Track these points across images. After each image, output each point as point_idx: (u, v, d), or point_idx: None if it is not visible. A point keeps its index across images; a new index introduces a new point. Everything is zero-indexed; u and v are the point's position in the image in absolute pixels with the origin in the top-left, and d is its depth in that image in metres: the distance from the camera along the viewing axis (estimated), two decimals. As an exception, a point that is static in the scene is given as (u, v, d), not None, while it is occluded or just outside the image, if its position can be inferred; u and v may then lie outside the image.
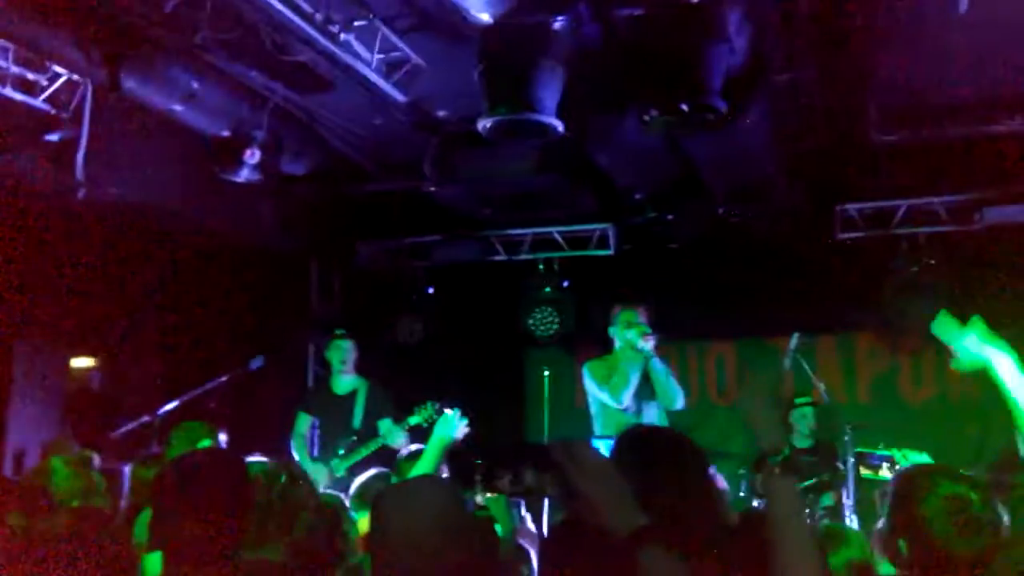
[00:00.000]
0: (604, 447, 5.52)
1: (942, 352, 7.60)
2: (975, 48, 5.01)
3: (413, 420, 6.08)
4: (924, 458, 3.07)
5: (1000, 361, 2.77)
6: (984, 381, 2.72)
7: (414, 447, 4.40)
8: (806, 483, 6.18)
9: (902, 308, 7.00)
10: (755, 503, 6.28)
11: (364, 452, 6.08)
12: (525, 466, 1.76)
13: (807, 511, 5.84)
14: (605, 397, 5.90)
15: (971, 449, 6.40)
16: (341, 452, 6.19)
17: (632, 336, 5.75)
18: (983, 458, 5.65)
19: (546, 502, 4.49)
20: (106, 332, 6.93)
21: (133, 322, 7.00)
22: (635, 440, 2.08)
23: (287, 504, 2.85)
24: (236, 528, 2.41)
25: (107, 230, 6.35)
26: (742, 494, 6.45)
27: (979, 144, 6.11)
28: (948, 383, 7.41)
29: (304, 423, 6.49)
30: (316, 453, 6.54)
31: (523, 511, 3.75)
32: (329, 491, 4.69)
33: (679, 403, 5.87)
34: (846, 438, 6.39)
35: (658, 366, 5.81)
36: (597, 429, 6.07)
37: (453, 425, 3.54)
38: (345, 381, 6.47)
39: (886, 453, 3.16)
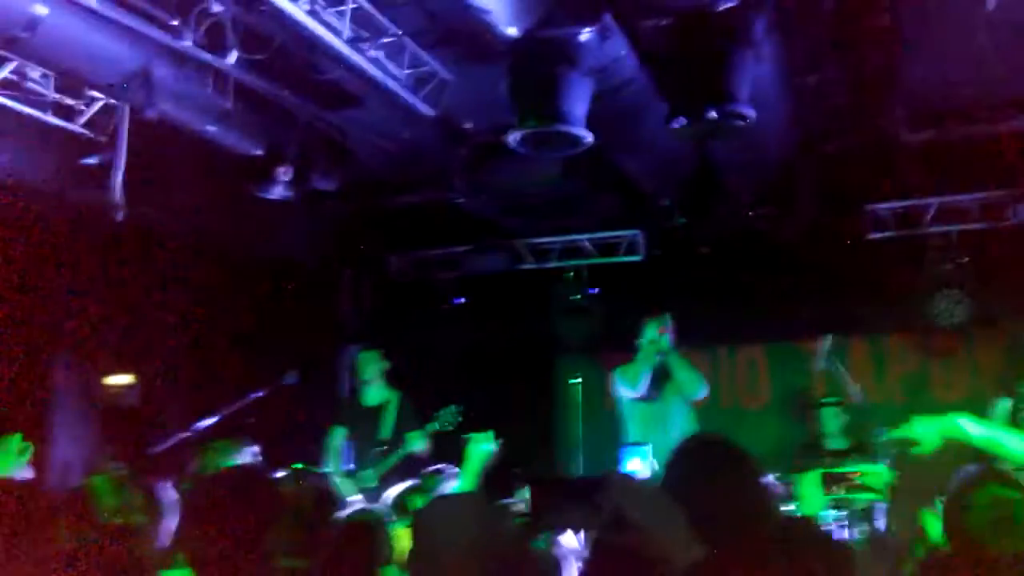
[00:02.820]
0: (635, 453, 5.61)
1: (973, 352, 7.62)
2: (1003, 44, 4.99)
3: (433, 426, 6.14)
4: (881, 469, 3.18)
5: (959, 421, 2.87)
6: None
7: (437, 466, 4.46)
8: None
9: (934, 308, 6.95)
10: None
11: (391, 461, 6.14)
12: (574, 500, 1.76)
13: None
14: (626, 391, 6.20)
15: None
16: (371, 463, 6.25)
17: (651, 333, 6.07)
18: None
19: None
20: (144, 349, 7.03)
21: (170, 339, 7.09)
22: (687, 455, 2.07)
23: (315, 518, 2.91)
24: (263, 544, 2.46)
25: (145, 250, 6.46)
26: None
27: (1009, 140, 6.07)
28: (981, 383, 7.35)
29: (337, 436, 6.55)
30: (349, 466, 6.59)
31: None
32: (369, 507, 4.75)
33: (700, 392, 6.10)
34: (881, 439, 6.38)
35: (677, 358, 6.09)
36: (628, 434, 6.17)
37: (487, 446, 3.62)
38: (375, 393, 6.53)
39: (850, 469, 3.26)
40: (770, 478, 3.99)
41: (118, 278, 6.51)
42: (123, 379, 7.09)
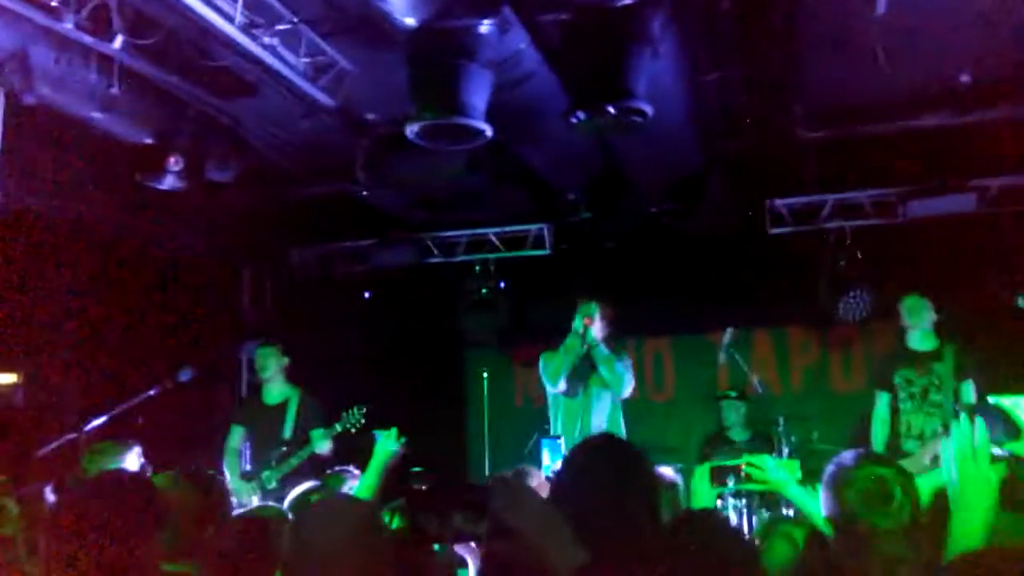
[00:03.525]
0: (548, 447, 5.52)
1: (870, 344, 7.85)
2: (894, 47, 5.13)
3: (339, 426, 5.99)
4: (767, 461, 3.27)
5: None
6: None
7: (339, 468, 4.36)
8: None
9: (832, 301, 7.16)
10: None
11: (294, 462, 5.96)
12: (454, 509, 1.69)
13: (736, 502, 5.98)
14: (547, 385, 5.93)
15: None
16: (272, 464, 6.06)
17: (576, 323, 5.74)
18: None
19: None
20: (27, 346, 6.70)
21: (56, 334, 6.77)
22: (574, 459, 2.05)
23: (200, 518, 2.80)
24: (143, 550, 2.35)
25: (27, 241, 6.14)
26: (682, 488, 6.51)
27: (901, 139, 6.26)
28: (871, 371, 7.62)
29: (236, 436, 6.32)
30: (249, 467, 6.39)
31: None
32: (268, 503, 4.60)
33: (624, 389, 5.76)
34: (780, 429, 6.56)
35: (602, 352, 5.74)
36: (553, 427, 6.05)
37: (391, 444, 3.57)
38: (275, 391, 6.30)
39: (737, 462, 3.32)
40: (670, 472, 4.00)
41: (3, 272, 6.18)
42: (6, 378, 6.75)
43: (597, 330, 5.78)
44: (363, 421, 5.96)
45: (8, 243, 6.08)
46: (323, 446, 5.98)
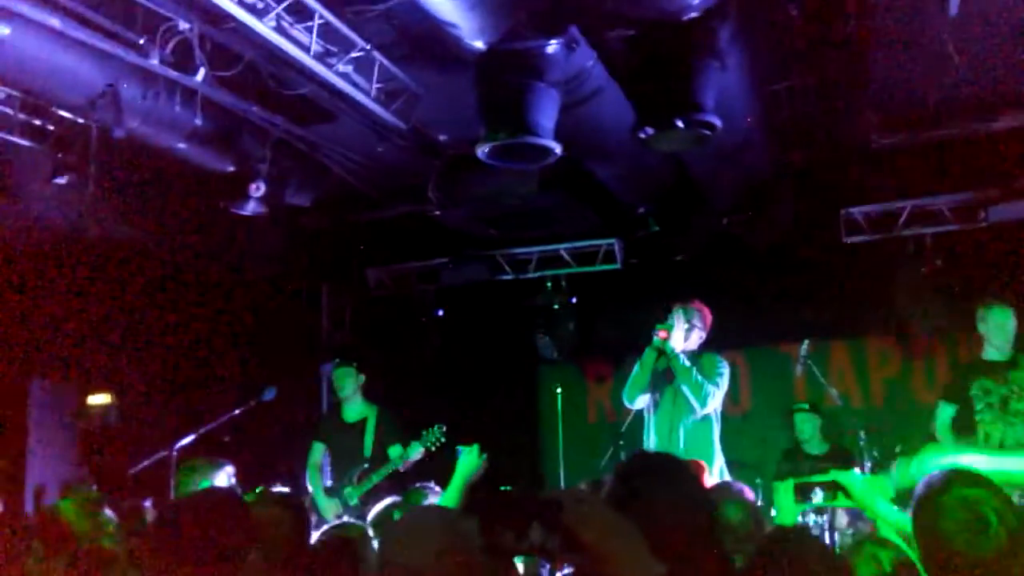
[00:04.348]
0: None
1: (954, 353, 7.63)
2: (969, 47, 5.04)
3: (419, 444, 6.05)
4: (856, 477, 3.15)
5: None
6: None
7: (420, 484, 4.42)
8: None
9: (912, 310, 6.99)
10: (772, 512, 6.26)
11: (375, 479, 6.06)
12: (530, 522, 1.68)
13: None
14: (625, 402, 5.58)
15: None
16: (353, 481, 6.18)
17: (655, 339, 5.36)
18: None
19: None
20: (121, 368, 6.99)
21: (148, 357, 7.06)
22: (626, 472, 2.04)
23: (287, 536, 2.89)
24: (237, 566, 2.44)
25: (120, 267, 6.43)
26: (760, 503, 6.42)
27: (979, 143, 6.13)
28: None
29: (318, 453, 6.46)
30: (330, 483, 6.53)
31: None
32: (350, 520, 4.71)
33: (706, 402, 5.32)
34: (861, 442, 6.40)
35: (680, 364, 5.31)
36: (644, 443, 5.65)
37: (473, 459, 3.60)
38: (354, 408, 6.43)
39: (824, 479, 3.21)
40: (746, 488, 3.96)
41: (95, 299, 6.47)
42: (99, 399, 7.05)
43: (681, 340, 5.40)
44: (443, 439, 6.01)
45: (99, 273, 6.37)
46: (403, 462, 6.06)
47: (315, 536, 3.25)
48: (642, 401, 5.54)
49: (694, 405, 5.33)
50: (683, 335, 5.42)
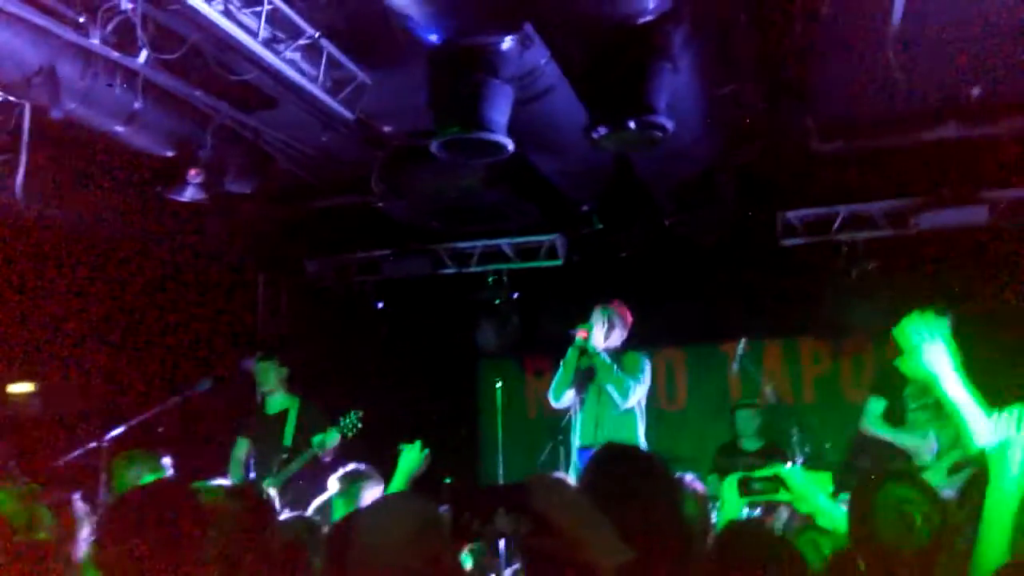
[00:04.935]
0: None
1: (882, 353, 7.84)
2: (907, 60, 5.18)
3: (335, 431, 6.04)
4: (798, 472, 3.32)
5: (948, 380, 2.91)
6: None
7: (352, 468, 4.37)
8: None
9: (843, 312, 7.19)
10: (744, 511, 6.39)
11: (293, 468, 6.05)
12: (495, 509, 1.72)
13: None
14: (551, 400, 5.91)
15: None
16: (273, 471, 6.14)
17: (577, 339, 5.70)
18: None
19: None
20: (46, 356, 6.77)
21: (74, 344, 6.84)
22: (601, 465, 2.08)
23: (250, 528, 2.84)
24: (189, 559, 2.39)
25: (48, 252, 6.22)
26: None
27: (913, 152, 6.32)
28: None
29: (241, 447, 6.42)
30: (252, 476, 6.45)
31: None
32: (296, 515, 4.65)
33: (627, 397, 5.63)
34: (793, 438, 6.59)
35: (602, 360, 5.63)
36: (572, 438, 6.00)
37: (415, 455, 3.64)
38: (276, 400, 6.43)
39: (767, 473, 3.36)
40: (693, 480, 4.03)
41: (19, 283, 6.25)
42: (24, 387, 6.81)
43: (601, 338, 5.72)
44: (359, 425, 6.04)
45: (25, 256, 6.16)
46: (322, 450, 6.03)
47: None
48: (568, 398, 5.85)
49: (616, 400, 5.62)
50: (603, 334, 5.75)
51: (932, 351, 2.92)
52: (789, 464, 6.41)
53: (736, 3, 4.59)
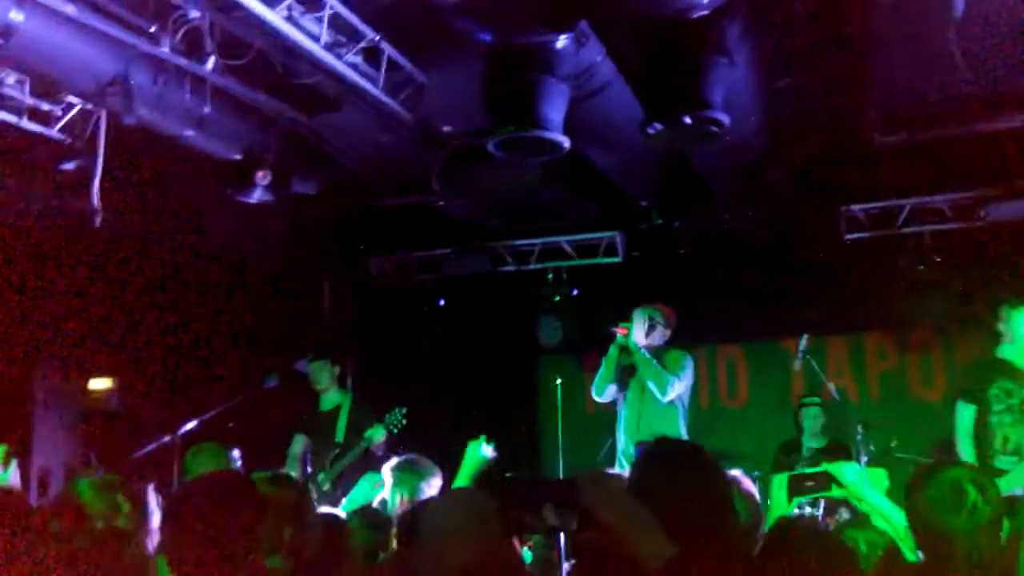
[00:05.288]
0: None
1: (950, 350, 7.66)
2: (972, 47, 5.08)
3: (382, 427, 6.16)
4: (850, 468, 3.29)
5: None
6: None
7: (404, 456, 4.46)
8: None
9: (910, 306, 7.06)
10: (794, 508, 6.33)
11: (344, 463, 6.19)
12: (544, 503, 1.75)
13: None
14: (594, 395, 6.16)
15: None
16: (326, 466, 6.30)
17: (619, 337, 5.95)
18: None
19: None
20: (124, 354, 7.02)
21: (151, 343, 7.09)
22: (651, 458, 2.10)
23: (295, 514, 2.96)
24: (246, 548, 2.50)
25: (124, 254, 6.45)
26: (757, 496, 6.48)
27: (980, 142, 6.17)
28: (956, 379, 7.47)
29: (298, 444, 6.60)
30: (309, 472, 6.62)
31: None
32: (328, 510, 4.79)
33: (665, 392, 5.84)
34: (858, 437, 6.47)
35: (643, 357, 5.89)
36: (616, 435, 6.21)
37: (480, 452, 3.68)
38: (329, 398, 6.61)
39: (818, 470, 3.33)
40: (741, 476, 4.02)
41: (97, 285, 6.50)
42: (103, 383, 7.08)
43: (643, 336, 5.95)
44: (404, 421, 6.15)
45: (102, 259, 6.39)
46: (372, 444, 6.17)
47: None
48: (610, 393, 6.14)
49: (656, 394, 5.86)
50: (644, 332, 6.00)
51: None
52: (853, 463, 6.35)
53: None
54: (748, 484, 4.04)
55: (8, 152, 5.28)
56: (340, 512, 4.07)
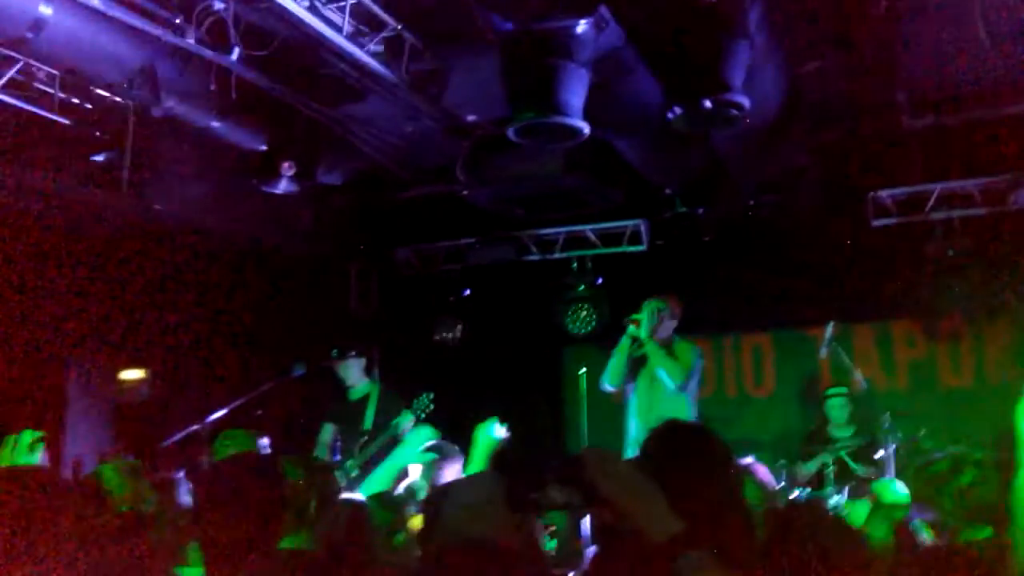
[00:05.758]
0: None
1: (979, 337, 7.54)
2: (999, 31, 5.00)
3: (410, 414, 6.20)
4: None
5: None
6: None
7: (432, 444, 4.49)
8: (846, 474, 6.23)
9: (939, 293, 6.98)
10: (794, 493, 6.32)
11: (372, 450, 6.24)
12: (550, 481, 1.76)
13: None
14: (605, 385, 6.33)
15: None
16: (354, 453, 6.36)
17: (630, 328, 6.15)
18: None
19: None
20: (154, 344, 7.13)
21: (180, 333, 7.19)
22: (660, 439, 2.10)
23: (320, 495, 3.00)
24: (272, 527, 2.54)
25: (153, 245, 6.54)
26: (782, 483, 6.47)
27: (1009, 125, 6.08)
28: (986, 368, 7.38)
29: (327, 432, 6.65)
30: (337, 459, 6.68)
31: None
32: (386, 492, 4.84)
33: (676, 381, 6.00)
34: (886, 425, 6.41)
35: (654, 348, 6.06)
36: (626, 424, 6.32)
37: (491, 432, 3.69)
38: (358, 388, 6.65)
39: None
40: (757, 464, 4.02)
41: (124, 274, 6.59)
42: (133, 374, 7.19)
43: (653, 327, 6.11)
44: (432, 407, 6.18)
45: (132, 250, 6.48)
46: (399, 431, 6.22)
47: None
48: (620, 383, 6.28)
49: (667, 383, 6.03)
50: (656, 324, 6.16)
51: None
52: (880, 451, 6.29)
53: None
54: (764, 472, 4.04)
55: (38, 143, 5.37)
56: (360, 496, 4.12)
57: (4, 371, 6.04)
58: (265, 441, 4.95)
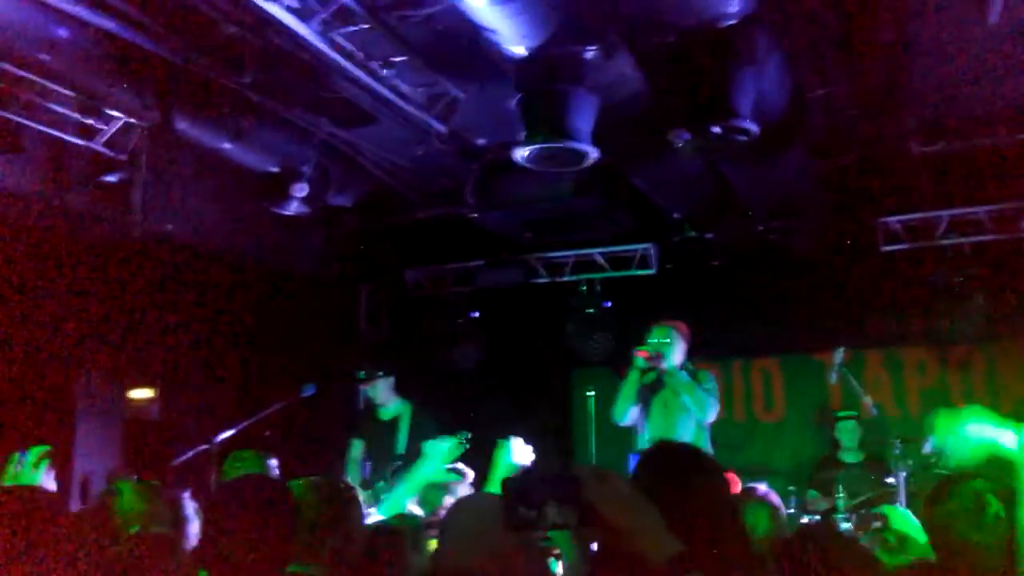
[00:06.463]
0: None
1: (991, 364, 7.49)
2: (1008, 56, 5.02)
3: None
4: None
5: (1006, 438, 2.84)
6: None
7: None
8: (856, 499, 6.16)
9: (949, 320, 6.94)
10: (804, 519, 6.26)
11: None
12: (547, 501, 1.73)
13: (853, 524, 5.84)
14: (616, 419, 6.07)
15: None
16: (388, 477, 6.28)
17: (637, 360, 5.85)
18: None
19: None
20: (163, 364, 7.15)
21: (189, 353, 7.21)
22: (649, 460, 2.08)
23: (336, 522, 2.97)
24: (281, 550, 2.52)
25: (164, 265, 6.57)
26: (791, 510, 6.42)
27: (1020, 151, 6.07)
28: (999, 393, 7.32)
29: (357, 448, 6.57)
30: (368, 475, 6.64)
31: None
32: (410, 513, 4.80)
33: (707, 414, 5.77)
34: (896, 451, 6.36)
35: (681, 379, 5.78)
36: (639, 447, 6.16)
37: (509, 458, 3.67)
38: (388, 408, 6.59)
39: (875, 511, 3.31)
40: (767, 491, 3.98)
41: (138, 296, 6.62)
42: (144, 393, 7.21)
43: (678, 356, 5.85)
44: (467, 446, 6.09)
45: (143, 270, 6.51)
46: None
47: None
48: (632, 416, 6.01)
49: (696, 415, 5.77)
50: (678, 350, 5.87)
51: (972, 428, 2.88)
52: (891, 478, 6.24)
53: (823, 4, 4.53)
54: (775, 498, 4.00)
55: (49, 162, 5.40)
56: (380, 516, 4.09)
57: (4, 371, 6.03)
58: (274, 462, 4.93)
